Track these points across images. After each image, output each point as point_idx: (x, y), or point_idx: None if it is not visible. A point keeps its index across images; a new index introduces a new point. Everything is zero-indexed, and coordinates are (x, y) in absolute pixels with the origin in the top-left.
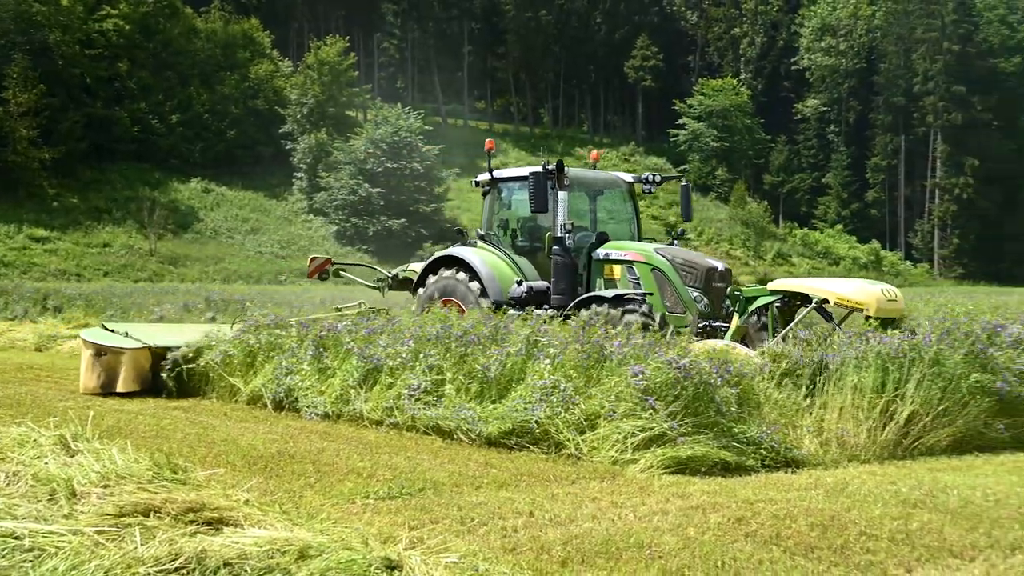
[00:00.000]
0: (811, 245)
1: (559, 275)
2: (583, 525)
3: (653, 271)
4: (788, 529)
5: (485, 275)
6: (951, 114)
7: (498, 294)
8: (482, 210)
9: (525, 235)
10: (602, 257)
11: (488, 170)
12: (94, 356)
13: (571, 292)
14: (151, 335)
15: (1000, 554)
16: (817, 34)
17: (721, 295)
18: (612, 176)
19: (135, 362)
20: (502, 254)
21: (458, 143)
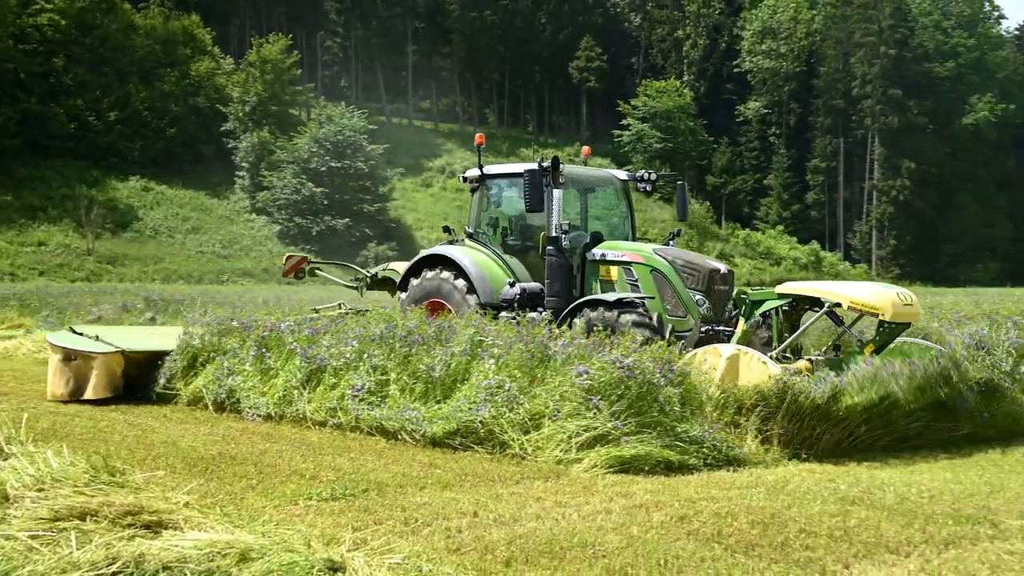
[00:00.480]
0: (753, 246)
1: (554, 276)
2: (527, 525)
3: (652, 273)
4: (729, 527)
5: (475, 275)
6: (888, 117)
7: (489, 296)
8: (470, 207)
9: (516, 234)
10: (598, 258)
11: (478, 166)
12: (63, 361)
13: (566, 294)
14: (124, 339)
15: (934, 549)
16: (758, 37)
17: (724, 298)
18: (606, 174)
19: (107, 367)
20: (492, 254)
21: (403, 143)
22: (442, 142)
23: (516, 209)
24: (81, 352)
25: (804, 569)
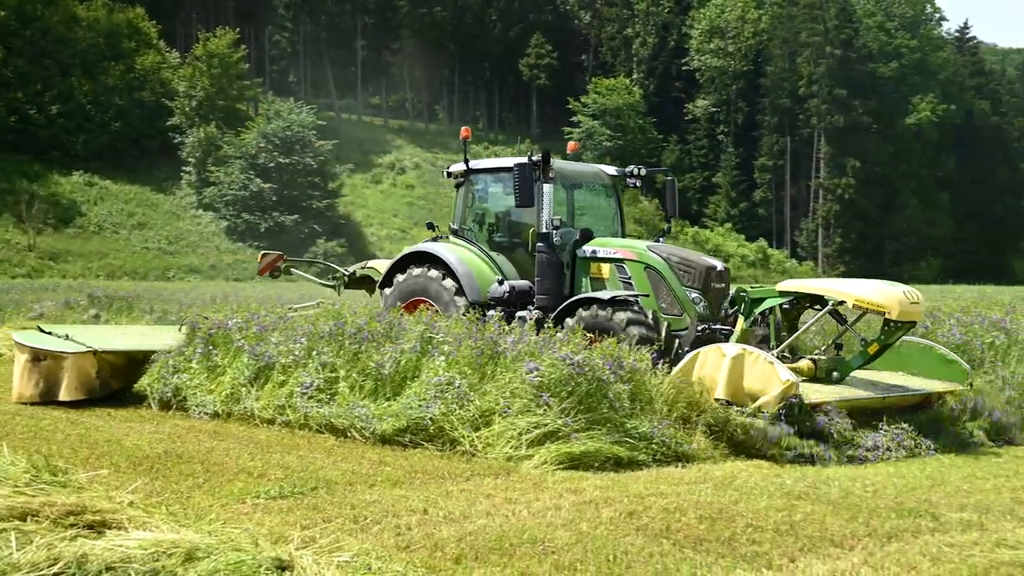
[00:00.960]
0: (702, 243)
1: (544, 274)
2: (477, 522)
3: (647, 270)
4: (678, 522)
5: (462, 273)
6: (834, 116)
7: (476, 294)
8: (454, 203)
9: (503, 231)
10: (588, 255)
11: (464, 160)
12: (31, 361)
13: (557, 292)
14: (97, 338)
15: (877, 542)
16: (706, 36)
17: (720, 296)
18: (594, 169)
19: (79, 368)
20: (478, 250)
21: (352, 138)
22: (392, 138)
23: (503, 205)
24: (51, 352)
25: (751, 563)
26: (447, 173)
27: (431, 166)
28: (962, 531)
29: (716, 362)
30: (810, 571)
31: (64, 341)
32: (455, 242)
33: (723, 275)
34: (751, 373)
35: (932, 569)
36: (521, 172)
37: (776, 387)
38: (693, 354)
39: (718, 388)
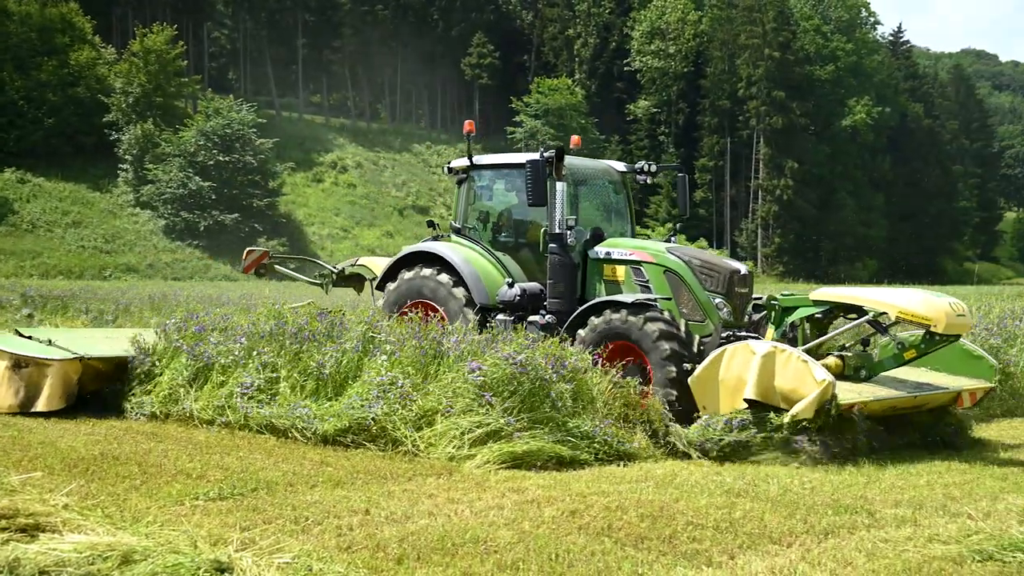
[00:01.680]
0: None
1: (557, 276)
2: (419, 522)
3: (666, 274)
4: (619, 521)
5: (468, 275)
6: (772, 118)
7: (484, 297)
8: (455, 200)
9: (509, 229)
10: (602, 256)
11: (467, 155)
12: (11, 368)
13: (570, 296)
14: (81, 344)
15: (815, 539)
16: (647, 37)
17: (744, 301)
18: (603, 165)
19: (63, 376)
20: (483, 251)
21: (293, 137)
22: (333, 137)
23: (508, 203)
24: (34, 359)
25: (691, 560)
26: (447, 169)
27: (373, 165)
28: (896, 527)
29: (745, 360)
30: (749, 568)
31: (47, 347)
32: (458, 242)
33: (747, 279)
34: (783, 372)
35: (867, 564)
36: (534, 169)
37: (811, 388)
38: (718, 352)
39: (747, 388)
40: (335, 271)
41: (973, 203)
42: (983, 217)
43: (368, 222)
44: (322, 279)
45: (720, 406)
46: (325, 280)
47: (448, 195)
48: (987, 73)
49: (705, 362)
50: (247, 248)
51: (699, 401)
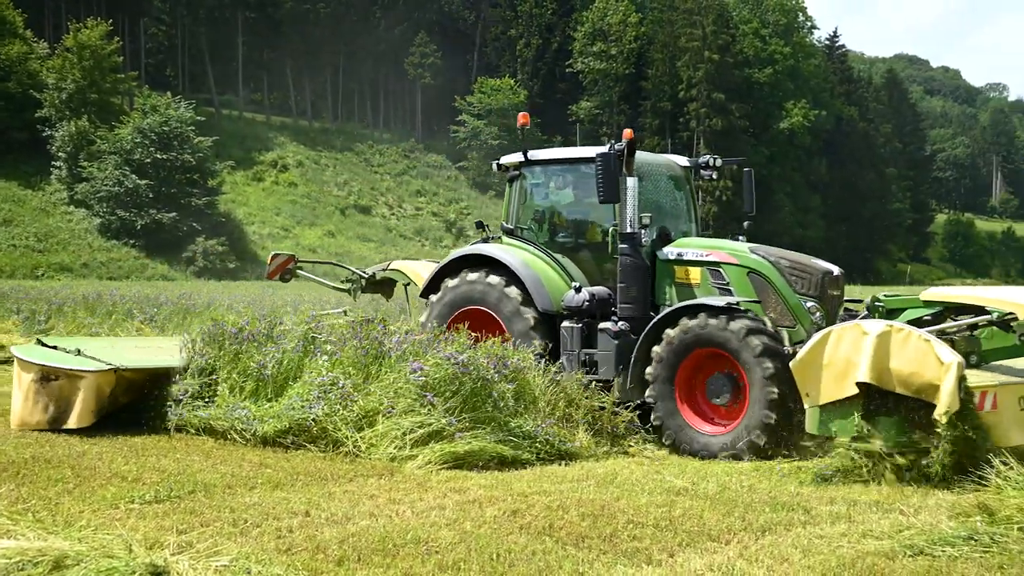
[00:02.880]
0: None
1: (629, 279)
2: (360, 523)
3: (750, 275)
4: (561, 520)
5: (529, 279)
6: (712, 120)
7: (547, 303)
8: (506, 199)
9: (568, 230)
10: (672, 258)
11: (521, 151)
12: (38, 382)
13: (643, 300)
14: (112, 353)
15: (752, 536)
16: (589, 39)
17: (837, 304)
18: (665, 159)
19: (97, 389)
20: (541, 253)
21: (233, 135)
22: (274, 135)
23: (565, 201)
24: (65, 371)
25: (631, 559)
26: (497, 165)
27: (314, 164)
28: (831, 523)
29: (856, 341)
30: (688, 565)
31: (77, 357)
32: (512, 243)
33: (839, 280)
34: (901, 353)
35: (803, 560)
36: (605, 163)
37: (934, 371)
38: (823, 334)
39: (859, 370)
40: (365, 276)
41: (906, 205)
42: (915, 219)
43: (309, 221)
44: (350, 285)
45: (824, 393)
46: (353, 286)
47: (391, 195)
48: (919, 78)
49: (808, 345)
50: (272, 252)
51: (801, 388)
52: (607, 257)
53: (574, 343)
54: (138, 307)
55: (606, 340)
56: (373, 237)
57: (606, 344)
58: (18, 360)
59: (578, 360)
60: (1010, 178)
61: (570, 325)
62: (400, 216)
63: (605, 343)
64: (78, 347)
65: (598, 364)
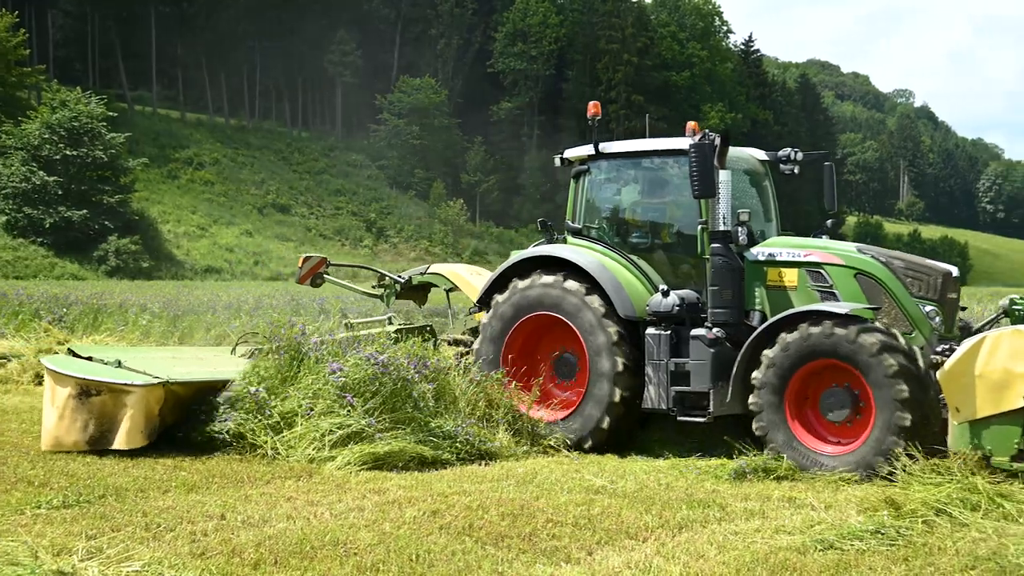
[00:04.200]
0: (506, 243)
1: (723, 282)
2: (277, 525)
3: (858, 277)
4: (481, 520)
5: (608, 282)
6: (632, 122)
7: (629, 308)
8: (571, 195)
9: (643, 229)
10: (763, 258)
11: (591, 143)
12: (76, 397)
13: (738, 304)
14: (159, 365)
15: (669, 533)
16: (510, 39)
17: (955, 308)
18: (743, 153)
19: (145, 406)
20: (616, 254)
21: (147, 132)
22: (190, 132)
23: (640, 197)
24: (109, 385)
25: (550, 557)
26: (560, 160)
27: (231, 162)
28: (746, 519)
29: (1018, 350)
30: (606, 563)
31: (119, 370)
32: (576, 243)
33: (956, 282)
34: None
35: (718, 556)
36: (700, 155)
37: None
38: (975, 341)
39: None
40: (400, 280)
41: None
42: None
43: (227, 220)
44: (384, 290)
45: (979, 407)
46: (387, 292)
47: (310, 194)
48: (830, 83)
49: (957, 354)
50: (303, 255)
51: (951, 401)
52: (687, 258)
53: (662, 352)
54: (46, 307)
55: (700, 348)
56: (292, 237)
57: (700, 353)
58: (51, 373)
59: (666, 371)
60: (916, 182)
61: (657, 332)
62: (320, 215)
63: (699, 352)
64: (118, 357)
65: (690, 375)
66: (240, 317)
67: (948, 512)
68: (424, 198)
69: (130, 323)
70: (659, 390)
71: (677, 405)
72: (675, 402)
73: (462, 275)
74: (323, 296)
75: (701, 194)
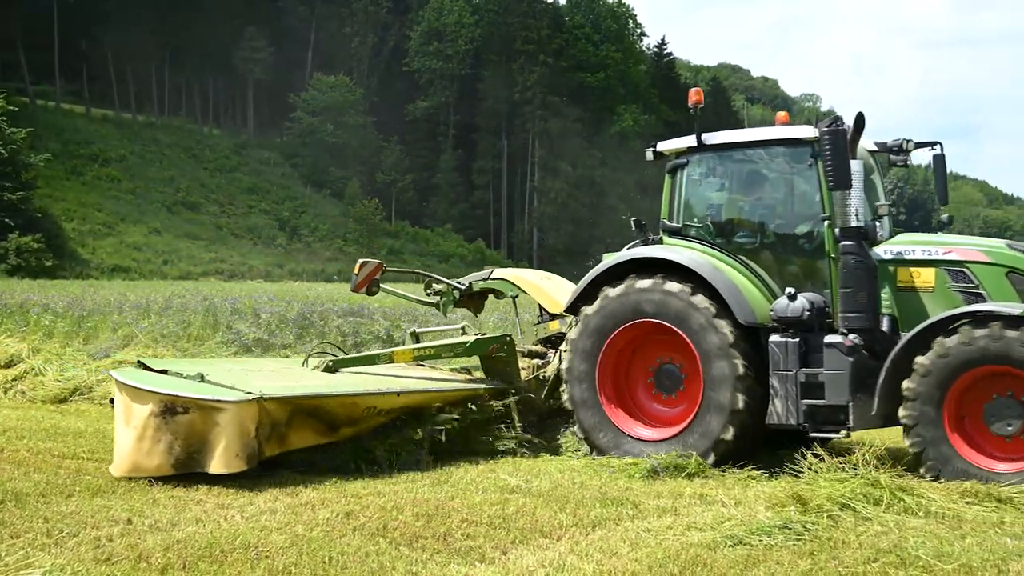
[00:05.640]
0: (421, 243)
1: (856, 283)
2: (186, 529)
3: (1010, 275)
4: (395, 520)
5: (724, 286)
6: (547, 122)
7: (749, 313)
8: (667, 192)
9: (751, 227)
10: (889, 257)
11: (694, 135)
12: (158, 416)
13: (872, 308)
14: (246, 379)
15: (583, 531)
16: (426, 38)
17: None
18: None
19: (240, 425)
20: (725, 255)
21: (50, 127)
22: (95, 128)
23: (745, 193)
24: (199, 402)
25: (464, 557)
26: (653, 153)
27: (139, 159)
28: (658, 517)
29: None
30: (521, 562)
31: (204, 384)
32: (683, 244)
33: None
34: None
35: (631, 554)
36: (835, 142)
37: None
38: None
39: None
40: (461, 287)
41: None
42: None
43: (134, 219)
44: (440, 297)
45: None
46: (444, 299)
47: (221, 192)
48: (741, 86)
49: None
50: (360, 260)
51: None
52: (802, 258)
53: (790, 362)
54: None
55: (836, 357)
56: (202, 235)
57: (836, 362)
58: (125, 388)
59: (795, 382)
60: None
61: (783, 340)
62: (231, 214)
63: (835, 360)
64: (200, 371)
65: (824, 386)
66: (149, 317)
67: (852, 507)
68: (339, 197)
69: (31, 323)
70: (787, 403)
71: (808, 420)
72: (806, 416)
73: (533, 281)
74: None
75: (836, 185)
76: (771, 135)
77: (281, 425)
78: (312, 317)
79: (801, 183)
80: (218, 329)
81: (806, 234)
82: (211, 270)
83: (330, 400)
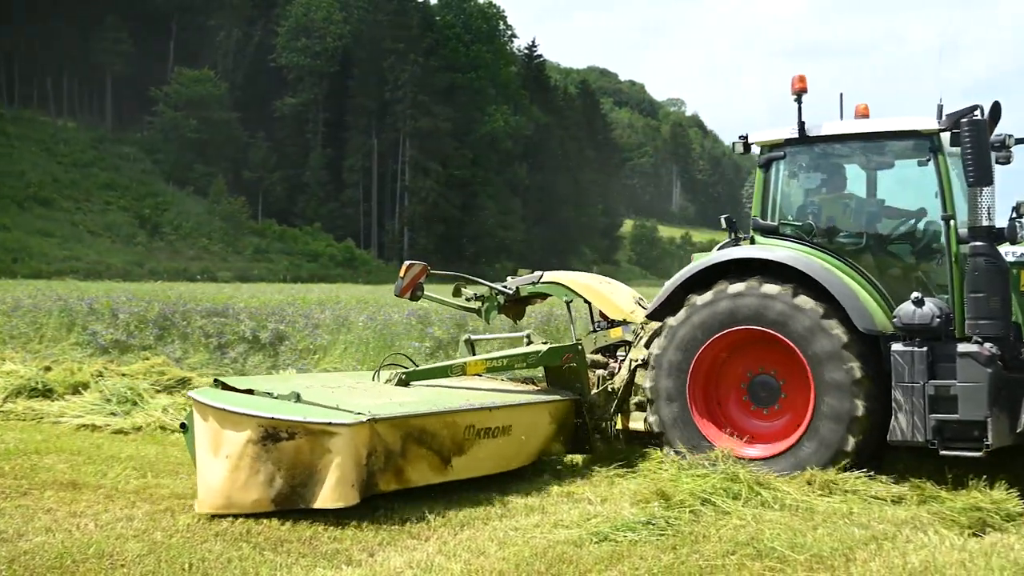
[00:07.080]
0: (289, 242)
1: (989, 287)
2: (34, 539)
3: None
4: (259, 525)
5: (840, 291)
6: (418, 121)
7: (867, 320)
8: (759, 187)
9: (856, 227)
10: (1012, 259)
11: (797, 125)
12: (257, 443)
13: (1006, 315)
14: (346, 397)
15: (452, 531)
16: (293, 33)
17: None
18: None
19: (354, 451)
20: (830, 256)
21: None
22: None
23: (852, 189)
24: (306, 426)
25: (331, 560)
26: (744, 145)
27: None
28: (526, 515)
29: None
30: (388, 564)
31: (299, 405)
32: (780, 245)
33: None
34: None
35: (499, 552)
36: (975, 134)
37: None
38: None
39: None
40: (508, 292)
41: (599, 210)
42: (606, 224)
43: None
44: (483, 303)
45: None
46: (487, 304)
47: (76, 188)
48: (609, 89)
49: None
50: (406, 261)
51: None
52: (914, 260)
53: (917, 373)
54: None
55: (971, 368)
56: (56, 232)
57: (971, 373)
58: (213, 411)
59: (922, 395)
60: (687, 187)
61: (908, 349)
62: (87, 210)
63: (969, 372)
64: (296, 390)
65: (958, 400)
66: None
67: (712, 502)
68: (204, 194)
69: None
70: (912, 418)
71: (937, 436)
72: (934, 433)
73: (591, 285)
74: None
75: (977, 181)
76: (886, 127)
77: (395, 451)
78: (174, 317)
79: (918, 178)
80: (73, 330)
81: (922, 234)
82: (66, 269)
83: (432, 420)
